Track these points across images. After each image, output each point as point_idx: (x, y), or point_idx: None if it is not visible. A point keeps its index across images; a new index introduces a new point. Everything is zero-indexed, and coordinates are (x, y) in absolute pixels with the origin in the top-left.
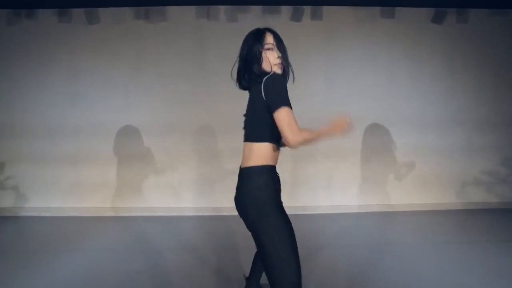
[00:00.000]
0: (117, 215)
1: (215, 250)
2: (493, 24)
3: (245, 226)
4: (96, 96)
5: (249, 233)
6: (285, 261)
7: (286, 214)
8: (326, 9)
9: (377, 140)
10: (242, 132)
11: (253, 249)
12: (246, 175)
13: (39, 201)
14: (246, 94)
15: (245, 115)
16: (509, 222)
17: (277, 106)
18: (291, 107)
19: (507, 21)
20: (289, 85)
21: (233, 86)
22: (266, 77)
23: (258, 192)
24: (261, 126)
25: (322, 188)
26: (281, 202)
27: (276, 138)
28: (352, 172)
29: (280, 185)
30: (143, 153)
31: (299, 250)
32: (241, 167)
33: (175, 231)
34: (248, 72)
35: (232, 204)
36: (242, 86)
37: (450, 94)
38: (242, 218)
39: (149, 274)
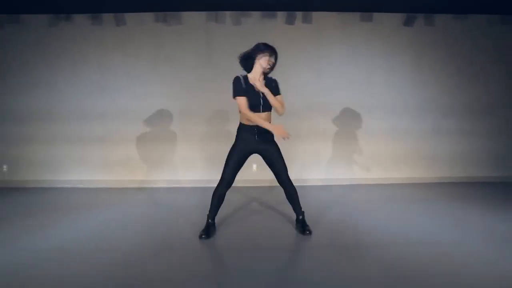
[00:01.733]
0: (139, 186)
1: (227, 216)
2: (456, 26)
3: (247, 194)
4: (120, 86)
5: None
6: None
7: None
8: (315, 14)
9: (358, 123)
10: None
11: (259, 208)
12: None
13: (73, 174)
14: None
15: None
16: (464, 191)
17: (279, 94)
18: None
19: (467, 24)
20: (284, 77)
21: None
22: (272, 78)
23: (274, 136)
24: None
25: (311, 164)
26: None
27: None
28: (337, 150)
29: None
30: (159, 133)
31: None
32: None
33: (187, 198)
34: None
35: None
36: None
37: (420, 85)
38: (265, 148)
39: (155, 229)
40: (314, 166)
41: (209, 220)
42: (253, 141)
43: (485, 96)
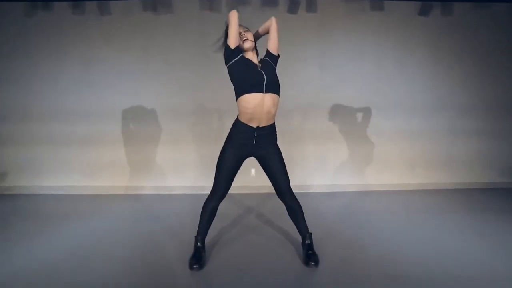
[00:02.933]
0: (126, 192)
1: (219, 234)
2: (476, 16)
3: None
4: (106, 82)
5: (248, 208)
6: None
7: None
8: (320, 2)
9: (366, 123)
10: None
11: (256, 222)
12: (274, 128)
13: (54, 180)
14: None
15: (263, 73)
16: (485, 199)
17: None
18: None
19: (489, 14)
20: (286, 72)
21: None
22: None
23: (276, 138)
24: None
25: (315, 169)
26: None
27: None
28: (343, 154)
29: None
30: (149, 135)
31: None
32: (270, 123)
33: (177, 207)
34: None
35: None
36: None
37: (435, 81)
38: (262, 154)
39: (147, 243)
40: (318, 170)
41: (198, 244)
42: (250, 145)
43: (507, 94)
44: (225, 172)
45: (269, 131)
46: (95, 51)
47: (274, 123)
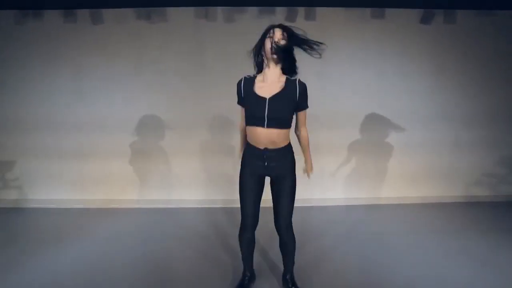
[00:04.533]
0: (118, 206)
1: (214, 241)
2: (480, 24)
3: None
4: (99, 93)
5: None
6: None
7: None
8: (319, 10)
9: (367, 135)
10: (236, 128)
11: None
12: (288, 149)
13: (44, 193)
14: None
15: (266, 109)
16: (495, 214)
17: (305, 107)
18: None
19: (493, 21)
20: None
21: (230, 84)
22: (299, 81)
23: (294, 159)
24: (289, 117)
25: (315, 182)
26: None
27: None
28: (343, 167)
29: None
30: (143, 148)
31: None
32: (279, 147)
33: (171, 223)
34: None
35: (226, 197)
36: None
37: (438, 91)
38: (277, 176)
39: (147, 264)
40: (317, 184)
41: (246, 276)
42: (262, 167)
43: None
44: (247, 197)
45: (281, 153)
46: (87, 60)
47: (286, 146)
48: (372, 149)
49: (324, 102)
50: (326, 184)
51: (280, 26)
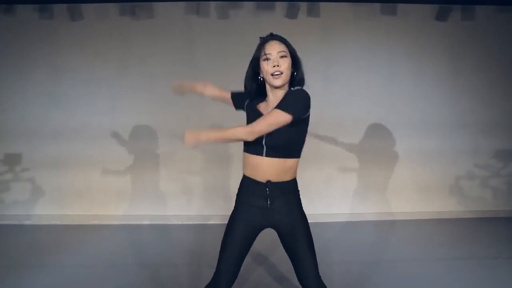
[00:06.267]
0: (100, 223)
1: (203, 260)
2: (501, 21)
3: None
4: (79, 96)
5: None
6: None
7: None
8: (323, 5)
9: (377, 144)
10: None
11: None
12: (293, 186)
13: (19, 208)
14: None
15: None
16: None
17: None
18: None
19: None
20: None
21: (223, 86)
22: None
23: (300, 200)
24: (295, 142)
25: (319, 195)
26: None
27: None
28: (351, 178)
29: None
30: (127, 157)
31: None
32: (283, 180)
33: (160, 240)
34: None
35: (218, 212)
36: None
37: (455, 95)
38: (283, 223)
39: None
40: (322, 197)
41: None
42: (264, 209)
43: None
44: (231, 250)
45: (288, 188)
46: (64, 60)
47: (293, 180)
48: (381, 158)
49: (328, 107)
50: (330, 197)
51: (274, 37)
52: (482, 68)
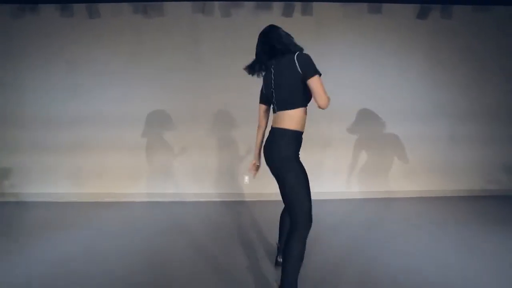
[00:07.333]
0: (115, 200)
1: (207, 234)
2: (476, 19)
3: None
4: (95, 87)
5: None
6: (300, 194)
7: (303, 166)
8: (316, 5)
9: (365, 130)
10: (232, 122)
11: (246, 232)
12: (280, 133)
13: (40, 187)
14: (236, 86)
15: (272, 89)
16: (489, 207)
17: (313, 74)
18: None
19: (490, 17)
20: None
21: (226, 78)
22: (297, 54)
23: (286, 148)
24: (296, 95)
25: (312, 176)
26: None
27: (306, 103)
28: (341, 161)
29: (300, 146)
30: (139, 142)
31: None
32: (277, 127)
33: (169, 215)
34: (269, 52)
35: (225, 190)
36: (258, 71)
37: (436, 86)
38: (269, 165)
39: (142, 256)
40: (314, 178)
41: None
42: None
43: (509, 99)
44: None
45: (272, 139)
46: (83, 54)
47: (282, 128)
48: (369, 144)
49: None
50: (322, 178)
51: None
52: (460, 62)
